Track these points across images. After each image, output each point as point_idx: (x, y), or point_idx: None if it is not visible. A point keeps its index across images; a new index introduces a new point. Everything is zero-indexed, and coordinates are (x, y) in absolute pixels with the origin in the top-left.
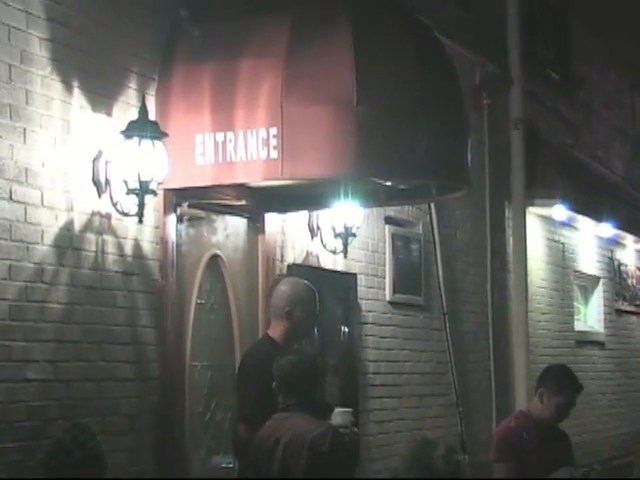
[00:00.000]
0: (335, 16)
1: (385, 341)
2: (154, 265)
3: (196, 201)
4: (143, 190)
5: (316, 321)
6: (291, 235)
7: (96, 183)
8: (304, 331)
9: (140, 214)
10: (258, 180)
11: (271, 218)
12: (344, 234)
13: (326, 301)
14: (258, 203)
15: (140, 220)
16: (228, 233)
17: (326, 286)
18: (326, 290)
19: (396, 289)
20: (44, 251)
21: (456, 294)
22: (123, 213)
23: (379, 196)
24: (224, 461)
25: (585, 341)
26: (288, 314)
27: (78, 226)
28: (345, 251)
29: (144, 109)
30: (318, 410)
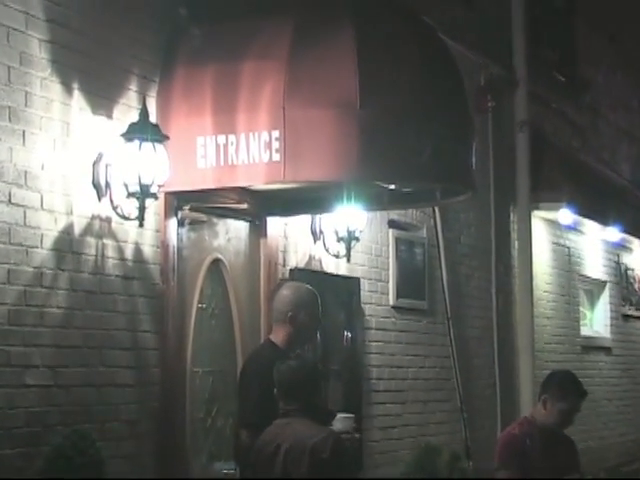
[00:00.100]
0: (338, 18)
1: (388, 346)
2: (155, 269)
3: (197, 204)
4: (144, 193)
5: (319, 326)
6: (293, 239)
7: (96, 186)
8: (307, 336)
9: (141, 218)
10: (260, 183)
11: (273, 222)
12: (347, 238)
13: (329, 306)
14: (260, 206)
15: (141, 224)
16: (230, 237)
17: (329, 291)
18: (329, 295)
19: (400, 294)
20: (43, 255)
21: (460, 299)
22: (123, 217)
23: (382, 199)
24: (225, 467)
25: (591, 347)
26: (291, 319)
27: (78, 230)
28: (348, 255)
29: (145, 111)
30: (319, 416)
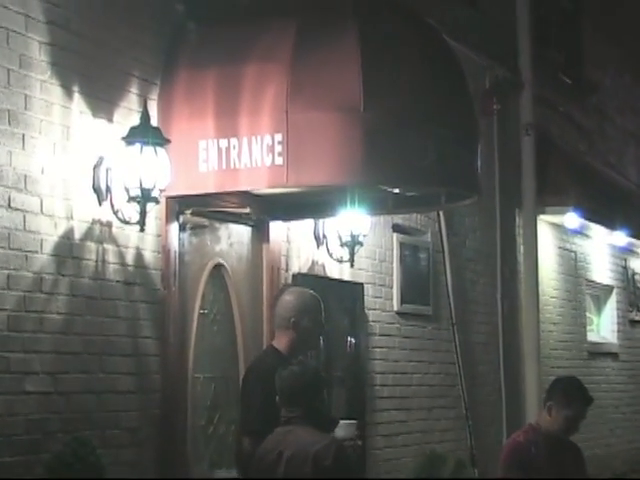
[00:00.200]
0: (341, 20)
1: (392, 352)
2: (156, 275)
3: (199, 209)
4: (145, 198)
5: (322, 332)
6: (296, 244)
7: (97, 190)
8: (310, 342)
9: (142, 222)
10: (263, 187)
11: (276, 226)
12: (351, 243)
13: (332, 311)
14: (263, 211)
15: (142, 228)
16: (232, 242)
17: (332, 296)
18: (332, 300)
19: (404, 299)
20: (43, 260)
21: (465, 304)
22: (124, 221)
23: (386, 204)
24: (227, 475)
25: (598, 352)
26: (294, 325)
27: (78, 234)
28: (352, 260)
29: (146, 114)
30: (322, 423)
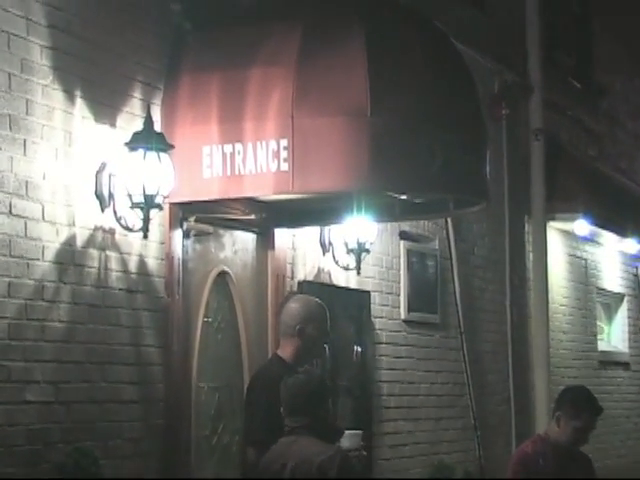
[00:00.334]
0: (347, 23)
1: (400, 361)
2: (159, 282)
3: (203, 215)
4: (148, 204)
5: (328, 340)
6: (302, 251)
7: (99, 197)
8: (315, 350)
9: (145, 229)
10: (268, 194)
11: (281, 233)
12: (357, 250)
13: (338, 320)
14: (268, 218)
15: (145, 235)
16: (236, 249)
17: (338, 304)
18: (338, 308)
19: (411, 307)
20: (45, 267)
21: (474, 312)
22: (127, 228)
23: (394, 210)
24: None
25: (609, 362)
26: (299, 332)
27: (80, 241)
28: (358, 268)
29: (149, 120)
30: (327, 433)
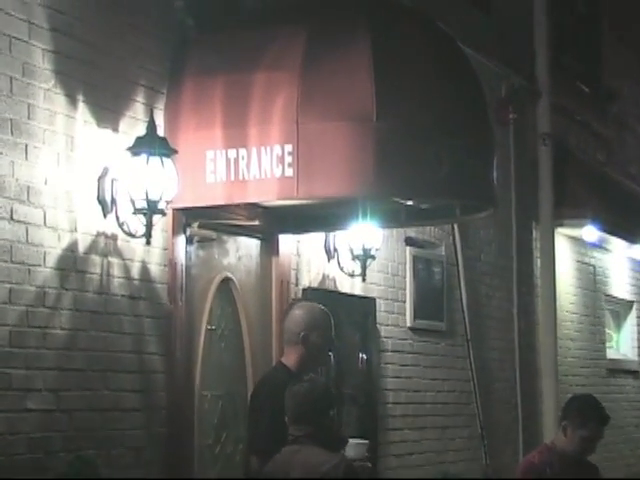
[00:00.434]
0: (353, 27)
1: (405, 369)
2: (162, 289)
3: (207, 221)
4: (151, 210)
5: (332, 348)
6: (306, 257)
7: (101, 202)
8: (320, 358)
9: (148, 235)
10: (272, 199)
11: (285, 239)
12: (362, 256)
13: (343, 327)
14: (272, 223)
15: (148, 241)
16: (240, 255)
17: (343, 311)
18: (343, 315)
19: (417, 314)
20: (46, 274)
21: (480, 319)
22: (130, 234)
23: (399, 216)
24: None
25: (617, 370)
26: (303, 340)
27: (82, 247)
28: (363, 274)
29: (152, 124)
30: (331, 442)
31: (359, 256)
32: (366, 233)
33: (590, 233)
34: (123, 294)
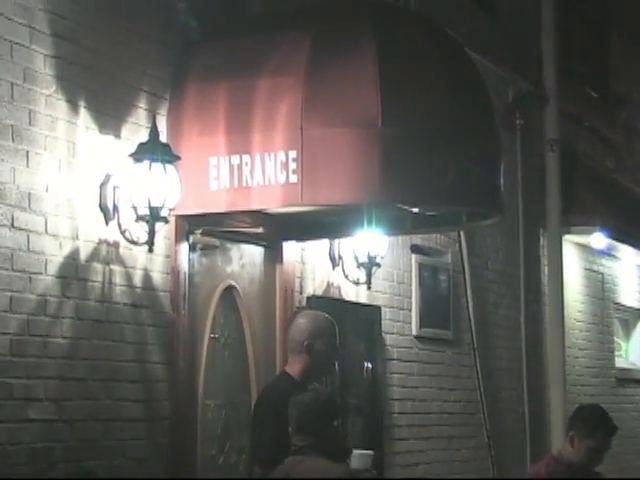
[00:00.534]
0: (358, 32)
1: (411, 378)
2: (165, 297)
3: (210, 228)
4: (153, 217)
5: (337, 356)
6: (311, 265)
7: (103, 209)
8: (324, 367)
9: (150, 242)
10: (276, 206)
11: (290, 247)
12: (367, 264)
13: (348, 335)
14: (276, 231)
15: (150, 249)
16: (244, 263)
17: (348, 319)
18: (348, 324)
19: (423, 323)
20: (48, 282)
21: (487, 328)
22: (132, 241)
23: (405, 223)
24: None
25: (627, 379)
26: (307, 348)
27: (84, 255)
28: (368, 282)
29: (155, 130)
30: (335, 453)
31: (364, 264)
32: (371, 240)
33: (598, 240)
34: (125, 302)
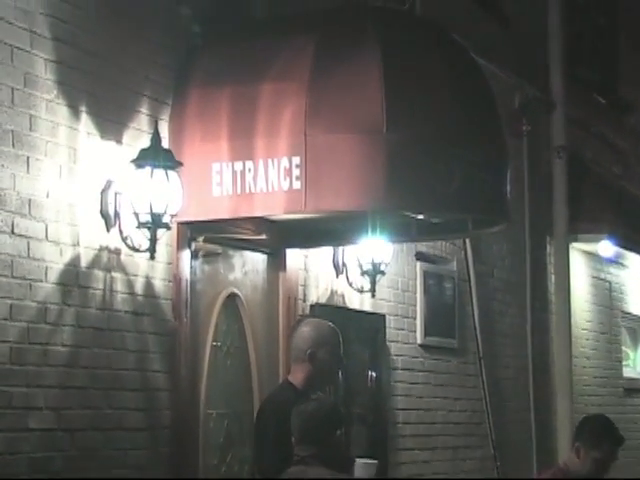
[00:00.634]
0: (362, 37)
1: (416, 388)
2: (166, 304)
3: (212, 235)
4: (155, 224)
5: (341, 365)
6: (314, 272)
7: (104, 216)
8: (327, 376)
9: (152, 249)
10: (279, 213)
11: (293, 254)
12: (372, 271)
13: (352, 344)
14: (279, 238)
15: (152, 256)
16: (246, 270)
17: (352, 328)
18: (352, 332)
19: (428, 331)
20: (48, 289)
21: (493, 337)
22: (133, 248)
23: (410, 231)
24: None
25: (634, 389)
26: (310, 357)
27: (85, 262)
28: (373, 290)
29: (157, 136)
30: (338, 463)
31: (368, 271)
32: (376, 248)
33: (606, 248)
34: (126, 310)
